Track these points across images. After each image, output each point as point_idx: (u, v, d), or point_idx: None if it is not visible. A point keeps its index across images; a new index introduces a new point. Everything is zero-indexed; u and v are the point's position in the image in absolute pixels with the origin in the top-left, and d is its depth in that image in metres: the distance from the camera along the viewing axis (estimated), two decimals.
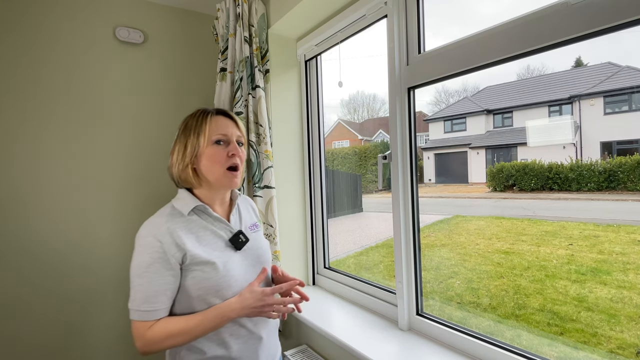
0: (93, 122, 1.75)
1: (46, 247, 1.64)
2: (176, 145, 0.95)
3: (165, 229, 0.87)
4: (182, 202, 0.94)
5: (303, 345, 1.55)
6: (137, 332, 0.84)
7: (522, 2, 0.96)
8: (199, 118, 0.94)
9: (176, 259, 0.86)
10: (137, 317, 0.84)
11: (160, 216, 0.91)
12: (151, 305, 0.84)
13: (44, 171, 1.64)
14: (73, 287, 1.69)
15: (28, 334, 1.59)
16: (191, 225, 0.92)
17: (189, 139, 0.92)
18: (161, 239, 0.85)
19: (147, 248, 0.85)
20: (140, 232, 0.89)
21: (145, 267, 0.84)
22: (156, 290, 0.84)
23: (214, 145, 0.93)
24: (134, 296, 0.84)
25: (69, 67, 1.69)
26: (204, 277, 0.87)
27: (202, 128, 0.92)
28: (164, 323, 0.85)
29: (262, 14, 1.69)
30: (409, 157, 1.28)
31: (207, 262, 0.88)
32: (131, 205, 1.84)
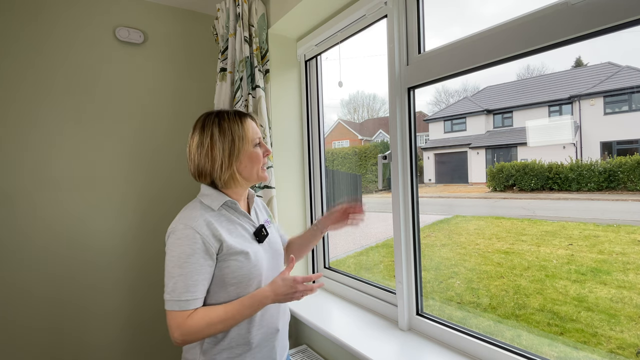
0: (93, 122, 1.75)
1: (48, 243, 1.64)
2: (215, 150, 0.95)
3: (202, 221, 0.91)
4: (211, 198, 0.97)
5: (303, 345, 1.55)
6: (175, 322, 0.85)
7: (522, 2, 0.96)
8: (238, 122, 0.98)
9: (215, 248, 0.90)
10: (178, 307, 0.85)
11: (194, 210, 0.94)
12: (192, 294, 0.86)
13: (44, 170, 1.64)
14: (75, 281, 1.70)
15: (29, 328, 1.59)
16: (221, 218, 0.96)
17: (234, 143, 0.95)
18: (200, 231, 0.89)
19: (187, 240, 0.88)
20: (176, 226, 0.91)
21: (186, 257, 0.87)
22: (196, 279, 0.87)
23: (254, 147, 1.00)
24: (173, 287, 0.86)
25: (69, 66, 1.69)
26: (238, 266, 0.92)
27: (245, 133, 0.98)
28: (203, 312, 0.88)
29: (262, 14, 1.69)
30: (409, 157, 1.28)
31: (241, 252, 0.93)
32: (133, 201, 1.84)
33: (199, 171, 0.97)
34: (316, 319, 1.44)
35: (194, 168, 0.98)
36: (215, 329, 0.88)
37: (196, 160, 0.97)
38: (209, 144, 0.95)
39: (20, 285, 1.58)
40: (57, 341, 1.66)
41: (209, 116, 0.99)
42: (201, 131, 0.97)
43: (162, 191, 1.93)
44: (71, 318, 1.69)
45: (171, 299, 0.86)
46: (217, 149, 0.95)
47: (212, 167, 0.95)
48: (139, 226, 1.86)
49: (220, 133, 0.95)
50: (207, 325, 0.87)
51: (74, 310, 1.70)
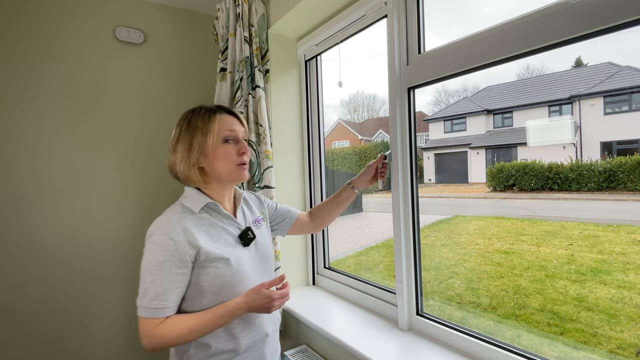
0: (93, 122, 1.75)
1: (47, 242, 1.64)
2: (179, 144, 0.93)
3: (179, 226, 0.88)
4: (192, 200, 0.94)
5: (303, 345, 1.55)
6: (145, 330, 0.84)
7: (523, 2, 0.96)
8: (205, 117, 0.94)
9: (190, 256, 0.87)
10: (147, 314, 0.84)
11: (172, 214, 0.91)
12: (161, 303, 0.84)
13: (45, 170, 1.64)
14: (76, 278, 1.70)
15: (30, 324, 1.59)
16: (202, 222, 0.93)
17: (195, 137, 0.92)
18: (174, 237, 0.86)
19: (160, 246, 0.85)
20: (152, 230, 0.89)
21: (158, 264, 0.85)
22: (167, 287, 0.85)
23: (223, 144, 0.94)
24: (144, 292, 0.85)
25: (69, 66, 1.69)
26: (218, 273, 0.89)
27: (210, 127, 0.93)
28: (174, 321, 0.86)
29: (262, 14, 1.69)
30: (409, 157, 1.28)
31: (221, 258, 0.90)
32: (132, 201, 1.84)
33: (169, 166, 0.96)
34: (316, 319, 1.44)
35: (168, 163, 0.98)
36: (185, 339, 0.86)
37: (169, 155, 0.97)
38: (176, 137, 0.94)
39: (19, 284, 1.58)
40: (57, 339, 1.66)
41: (187, 111, 0.98)
42: (177, 125, 0.97)
43: (162, 191, 1.93)
44: (71, 317, 1.69)
45: (141, 305, 0.85)
46: (179, 143, 0.93)
47: (174, 161, 0.94)
48: (139, 226, 1.86)
49: (187, 127, 0.93)
50: (176, 336, 0.84)
51: (74, 308, 1.70)
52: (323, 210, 1.26)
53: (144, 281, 0.86)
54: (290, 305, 1.60)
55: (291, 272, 1.84)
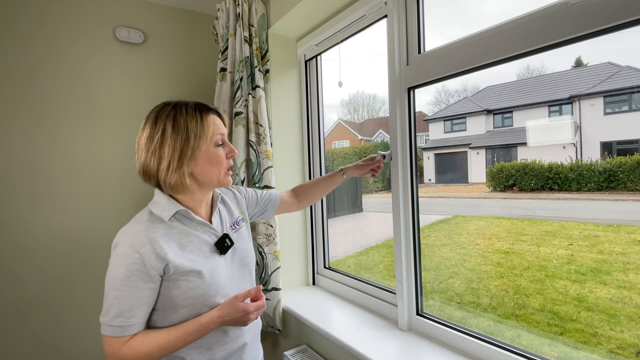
0: (93, 122, 1.75)
1: (49, 241, 1.64)
2: (164, 148, 0.82)
3: (145, 237, 0.80)
4: (161, 206, 0.86)
5: (303, 345, 1.55)
6: (109, 349, 0.78)
7: (524, 2, 0.96)
8: (196, 117, 0.85)
9: (157, 270, 0.80)
10: (110, 332, 0.77)
11: (138, 224, 0.83)
12: (126, 320, 0.78)
13: (42, 170, 1.64)
14: (74, 278, 1.70)
15: (29, 324, 1.59)
16: (172, 231, 0.85)
17: (188, 142, 0.83)
18: (139, 250, 0.78)
19: (124, 259, 0.78)
20: (117, 241, 0.82)
21: (121, 279, 0.78)
22: (132, 304, 0.78)
23: (215, 148, 0.88)
24: (107, 309, 0.78)
25: (68, 66, 1.69)
26: (190, 286, 0.83)
27: (204, 130, 0.85)
28: (141, 339, 0.80)
29: (262, 14, 1.69)
30: (409, 157, 1.28)
31: (192, 271, 0.83)
32: (132, 202, 1.84)
33: (144, 171, 0.85)
34: (316, 319, 1.44)
35: (139, 166, 0.86)
36: (153, 357, 0.80)
37: (142, 157, 0.84)
38: (159, 139, 0.82)
39: (18, 284, 1.58)
40: (56, 339, 1.66)
41: (165, 107, 0.86)
42: (153, 124, 0.84)
43: None
44: (72, 316, 1.69)
45: (104, 322, 0.78)
46: (166, 147, 0.82)
47: (158, 167, 0.83)
48: None
49: (174, 129, 0.82)
50: (144, 355, 0.78)
51: (74, 308, 1.70)
52: (310, 191, 1.26)
53: (107, 297, 0.79)
54: (290, 305, 1.60)
55: (291, 272, 1.84)
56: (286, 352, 1.50)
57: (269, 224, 1.60)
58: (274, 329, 1.66)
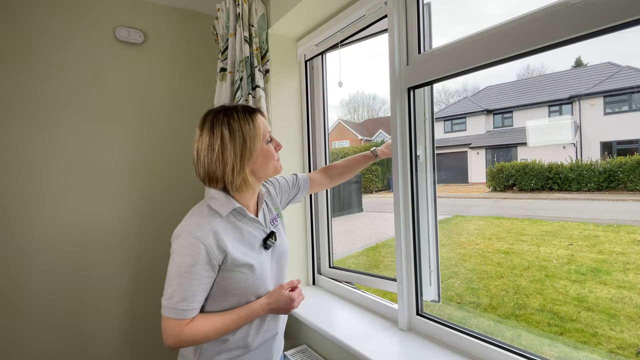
0: (93, 121, 1.75)
1: (50, 243, 1.64)
2: (225, 153, 0.88)
3: (209, 229, 0.87)
4: (219, 202, 0.92)
5: (303, 345, 1.55)
6: (171, 330, 0.85)
7: (526, 2, 0.96)
8: (248, 120, 0.92)
9: (217, 260, 0.87)
10: (174, 315, 0.84)
11: (201, 216, 0.90)
12: (189, 305, 0.85)
13: (43, 170, 1.64)
14: (78, 280, 1.70)
15: (31, 323, 1.59)
16: (229, 226, 0.92)
17: (246, 144, 0.90)
18: (204, 241, 0.85)
19: (190, 249, 0.85)
20: (180, 231, 0.88)
21: (187, 267, 0.84)
22: (195, 290, 0.85)
23: (267, 144, 0.97)
24: (171, 294, 0.85)
25: (69, 66, 1.69)
26: (242, 278, 0.91)
27: (257, 131, 0.92)
28: (201, 321, 0.88)
29: (262, 14, 1.69)
30: (409, 157, 1.28)
31: (246, 264, 0.91)
32: (133, 201, 1.84)
33: (209, 176, 0.91)
34: (316, 319, 1.44)
35: (203, 173, 0.92)
36: (210, 338, 0.89)
37: (206, 164, 0.90)
38: (219, 147, 0.88)
39: (21, 284, 1.58)
40: (59, 337, 1.66)
41: (217, 115, 0.92)
42: (210, 133, 0.90)
43: (162, 190, 1.93)
44: (73, 317, 1.69)
45: (168, 306, 0.85)
46: (228, 152, 0.88)
47: (224, 171, 0.89)
48: (141, 226, 1.86)
49: (231, 135, 0.89)
50: (203, 335, 0.87)
51: (76, 309, 1.70)
52: (342, 168, 1.35)
53: (171, 283, 0.85)
54: None
55: (291, 272, 1.84)
56: (286, 352, 1.50)
57: None
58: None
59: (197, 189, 1.97)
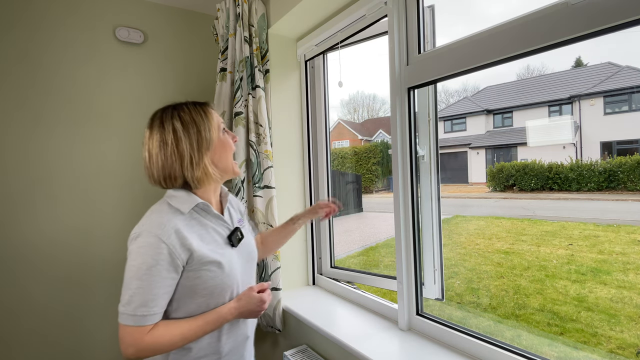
0: (93, 121, 1.75)
1: (48, 247, 1.64)
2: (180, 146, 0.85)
3: (170, 228, 0.82)
4: (179, 200, 0.88)
5: (303, 345, 1.55)
6: (131, 338, 0.78)
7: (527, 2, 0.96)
8: (199, 111, 0.90)
9: (181, 260, 0.82)
10: (132, 322, 0.78)
11: (160, 214, 0.85)
12: (149, 310, 0.79)
13: (42, 171, 1.64)
14: (77, 283, 1.70)
15: (32, 326, 1.59)
16: (192, 223, 0.88)
17: (201, 133, 0.87)
18: (166, 240, 0.80)
19: (150, 249, 0.79)
20: (139, 231, 0.82)
21: (146, 269, 0.78)
22: (156, 293, 0.79)
23: (223, 134, 0.94)
24: (129, 299, 0.78)
25: (69, 66, 1.69)
26: (210, 276, 0.86)
27: (210, 121, 0.90)
28: (164, 328, 0.82)
29: (262, 14, 1.69)
30: (409, 157, 1.28)
31: (214, 261, 0.86)
32: (133, 202, 1.84)
33: (165, 175, 0.87)
34: (316, 319, 1.44)
35: (158, 172, 0.87)
36: (175, 346, 0.83)
37: (160, 162, 0.86)
38: (172, 140, 0.85)
39: (21, 287, 1.58)
40: (58, 340, 1.66)
41: (166, 111, 0.90)
42: (161, 129, 0.87)
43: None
44: (73, 318, 1.69)
45: (125, 312, 0.78)
46: (183, 144, 0.85)
47: (182, 165, 0.86)
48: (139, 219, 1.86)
49: (184, 126, 0.86)
50: (168, 344, 0.81)
51: (75, 312, 1.70)
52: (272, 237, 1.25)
53: (129, 287, 0.79)
54: (290, 305, 1.60)
55: (291, 272, 1.84)
56: (286, 352, 1.50)
57: (269, 224, 1.60)
58: (274, 329, 1.66)
59: None
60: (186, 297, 0.86)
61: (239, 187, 1.56)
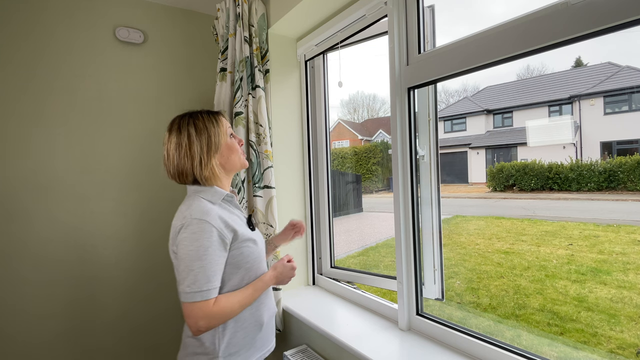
0: (93, 121, 1.75)
1: (51, 242, 1.64)
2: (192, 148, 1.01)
3: (214, 214, 0.96)
4: (209, 193, 1.03)
5: (303, 345, 1.55)
6: (200, 312, 0.90)
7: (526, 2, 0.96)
8: (212, 119, 1.06)
9: (229, 239, 0.97)
10: (200, 297, 0.90)
11: (201, 205, 0.97)
12: (212, 284, 0.92)
13: (42, 170, 1.64)
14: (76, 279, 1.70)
15: (34, 324, 1.59)
16: (224, 211, 1.03)
17: (211, 138, 1.03)
18: (215, 224, 0.94)
19: (203, 233, 0.92)
20: (188, 220, 0.94)
21: (204, 250, 0.91)
22: (214, 270, 0.93)
23: (230, 138, 1.09)
24: (194, 278, 0.90)
25: (68, 66, 1.69)
26: (250, 251, 1.03)
27: (220, 128, 1.06)
28: (225, 298, 0.96)
29: (262, 14, 1.69)
30: (409, 157, 1.28)
31: (250, 238, 1.04)
32: (132, 201, 1.84)
33: (179, 172, 1.03)
34: (316, 319, 1.44)
35: (173, 169, 1.03)
36: (235, 313, 0.97)
37: (176, 161, 1.02)
38: (187, 143, 1.01)
39: (20, 289, 1.58)
40: (61, 338, 1.66)
41: (183, 117, 1.06)
42: (178, 133, 1.03)
43: (162, 190, 1.93)
44: (73, 318, 1.69)
45: (192, 291, 0.89)
46: (195, 147, 1.01)
47: (192, 164, 1.01)
48: (140, 225, 1.86)
49: (197, 132, 1.02)
50: (230, 311, 0.95)
51: (76, 311, 1.70)
52: None
53: (192, 268, 0.90)
54: (290, 305, 1.61)
55: None
56: (286, 352, 1.50)
57: (269, 224, 1.60)
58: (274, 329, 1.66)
59: None
60: (231, 273, 1.01)
61: (239, 187, 1.56)
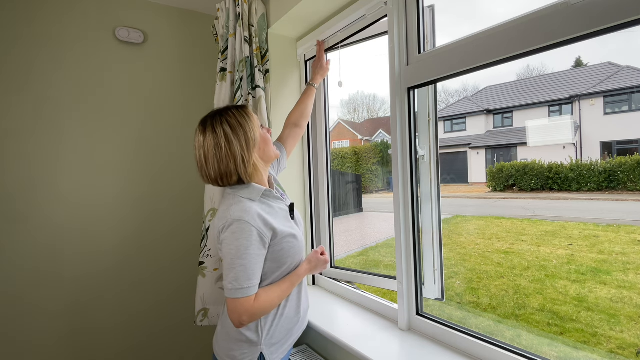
0: (93, 123, 1.75)
1: (51, 241, 1.64)
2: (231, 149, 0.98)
3: (254, 213, 0.97)
4: (248, 190, 1.03)
5: (303, 345, 1.55)
6: (243, 308, 0.93)
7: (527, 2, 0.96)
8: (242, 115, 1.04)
9: (268, 238, 0.99)
10: (242, 294, 0.93)
11: (241, 205, 0.98)
12: (252, 282, 0.95)
13: (42, 170, 1.64)
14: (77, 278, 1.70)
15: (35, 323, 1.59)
16: (264, 207, 1.03)
17: (248, 134, 1.01)
18: (254, 224, 0.95)
19: (243, 233, 0.94)
20: (228, 221, 0.96)
21: (244, 250, 0.94)
22: (255, 268, 0.96)
23: (261, 130, 1.09)
24: (235, 276, 0.93)
25: (68, 67, 1.69)
26: (290, 246, 1.05)
27: (253, 122, 1.04)
28: (265, 294, 0.99)
29: (262, 14, 1.69)
30: (409, 157, 1.28)
31: (290, 234, 1.05)
32: (134, 201, 1.84)
33: (222, 174, 0.99)
34: (316, 319, 1.44)
35: (215, 172, 0.99)
36: (274, 305, 1.01)
37: (217, 163, 0.98)
38: (225, 143, 0.98)
39: (20, 289, 1.58)
40: (62, 338, 1.66)
41: (215, 117, 1.02)
42: (213, 134, 0.99)
43: (162, 190, 1.93)
44: (73, 318, 1.69)
45: (233, 288, 0.93)
46: (234, 146, 0.98)
47: (235, 164, 0.99)
48: (142, 224, 1.86)
49: (233, 130, 0.99)
50: (270, 305, 0.99)
51: (77, 311, 1.70)
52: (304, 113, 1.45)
53: (234, 266, 0.93)
54: None
55: None
56: None
57: None
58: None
59: (197, 187, 1.97)
60: (272, 268, 1.04)
61: None
